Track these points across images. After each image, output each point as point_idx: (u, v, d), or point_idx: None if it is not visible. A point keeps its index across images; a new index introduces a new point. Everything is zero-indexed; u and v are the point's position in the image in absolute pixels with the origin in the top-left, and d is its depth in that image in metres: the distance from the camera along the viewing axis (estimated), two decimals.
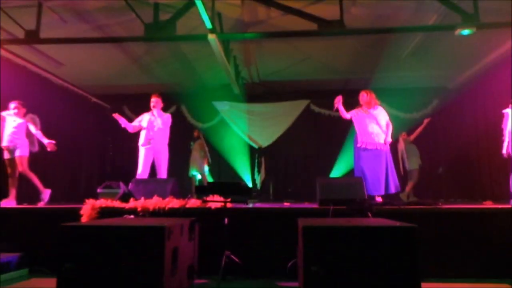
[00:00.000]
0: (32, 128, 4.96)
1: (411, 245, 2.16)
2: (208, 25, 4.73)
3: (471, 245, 3.28)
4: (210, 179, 7.77)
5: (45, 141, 4.96)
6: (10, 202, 4.68)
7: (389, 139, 4.73)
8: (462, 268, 3.23)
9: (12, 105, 4.93)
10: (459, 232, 3.32)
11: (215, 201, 3.48)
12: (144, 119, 5.20)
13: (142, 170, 5.01)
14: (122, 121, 5.09)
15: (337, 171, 8.12)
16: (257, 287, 3.07)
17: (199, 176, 7.41)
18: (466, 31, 4.75)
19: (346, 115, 4.78)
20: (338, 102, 4.65)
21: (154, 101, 5.17)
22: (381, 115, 4.77)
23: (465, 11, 4.70)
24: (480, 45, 5.98)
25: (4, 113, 4.93)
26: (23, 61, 6.25)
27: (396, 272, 2.15)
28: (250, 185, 8.30)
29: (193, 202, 3.68)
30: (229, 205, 3.40)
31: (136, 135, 5.23)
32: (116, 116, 5.07)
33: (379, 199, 4.48)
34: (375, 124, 4.70)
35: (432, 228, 3.30)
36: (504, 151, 4.70)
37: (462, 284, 3.04)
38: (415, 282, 2.13)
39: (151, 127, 5.11)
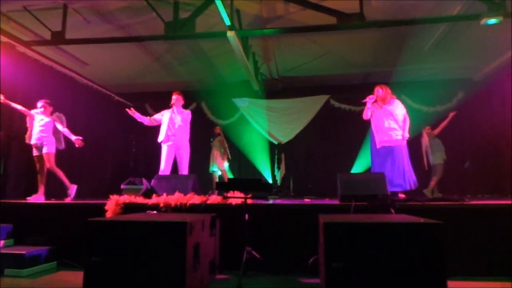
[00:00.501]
0: (59, 126, 5.14)
1: (436, 242, 2.11)
2: (227, 22, 4.74)
3: (500, 243, 3.17)
4: (230, 175, 7.82)
5: (73, 137, 5.15)
6: (39, 198, 4.87)
7: (407, 135, 4.62)
8: (490, 267, 3.13)
9: (39, 104, 5.11)
10: (487, 229, 3.22)
11: (236, 197, 3.50)
12: (164, 116, 5.29)
13: (164, 167, 5.11)
14: (137, 116, 5.22)
15: (358, 167, 7.98)
16: (278, 283, 3.07)
17: (219, 173, 7.47)
18: (492, 21, 4.58)
19: (368, 115, 4.75)
20: (371, 98, 4.68)
21: (175, 98, 5.28)
22: (398, 109, 4.67)
23: (491, 0, 4.52)
24: (506, 35, 5.72)
25: (32, 112, 5.12)
26: (49, 61, 6.45)
27: (421, 269, 2.10)
28: (270, 181, 8.30)
29: (214, 198, 3.72)
30: (249, 201, 3.41)
31: (158, 132, 5.32)
32: (130, 111, 5.18)
33: (402, 196, 4.39)
34: (391, 119, 4.61)
35: (458, 225, 3.20)
36: None
37: (490, 283, 2.94)
38: (440, 281, 2.07)
39: (171, 124, 5.20)
